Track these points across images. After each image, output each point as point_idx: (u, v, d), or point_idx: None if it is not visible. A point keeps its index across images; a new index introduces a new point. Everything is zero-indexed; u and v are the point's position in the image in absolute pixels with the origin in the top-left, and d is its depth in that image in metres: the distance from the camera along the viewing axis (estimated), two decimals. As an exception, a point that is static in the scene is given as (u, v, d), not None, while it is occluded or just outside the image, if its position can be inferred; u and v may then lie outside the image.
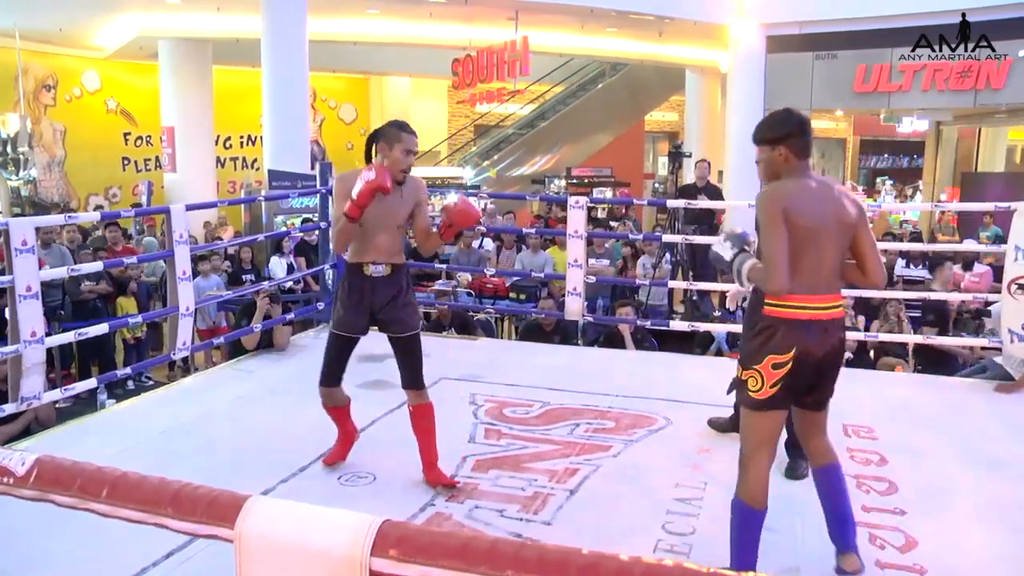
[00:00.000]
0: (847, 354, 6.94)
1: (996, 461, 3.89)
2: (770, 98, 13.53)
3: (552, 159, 18.74)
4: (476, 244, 10.08)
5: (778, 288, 2.58)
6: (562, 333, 6.76)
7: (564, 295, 6.11)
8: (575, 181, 17.07)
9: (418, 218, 3.53)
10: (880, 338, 6.58)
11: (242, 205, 12.15)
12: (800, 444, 3.09)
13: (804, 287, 2.61)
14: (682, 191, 9.02)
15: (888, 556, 2.97)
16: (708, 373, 5.55)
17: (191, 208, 5.40)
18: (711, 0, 13.23)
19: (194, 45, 14.16)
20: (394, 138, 3.32)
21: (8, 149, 14.21)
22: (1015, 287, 4.97)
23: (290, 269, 9.09)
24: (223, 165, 17.16)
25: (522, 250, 9.68)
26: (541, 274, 8.29)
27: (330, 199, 6.39)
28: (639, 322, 6.30)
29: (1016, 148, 19.55)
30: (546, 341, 6.55)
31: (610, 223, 12.39)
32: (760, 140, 2.77)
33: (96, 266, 5.79)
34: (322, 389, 3.59)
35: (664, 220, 12.74)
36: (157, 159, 16.45)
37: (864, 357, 7.16)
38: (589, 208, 6.16)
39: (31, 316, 4.06)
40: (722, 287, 8.21)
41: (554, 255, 9.27)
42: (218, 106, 15.14)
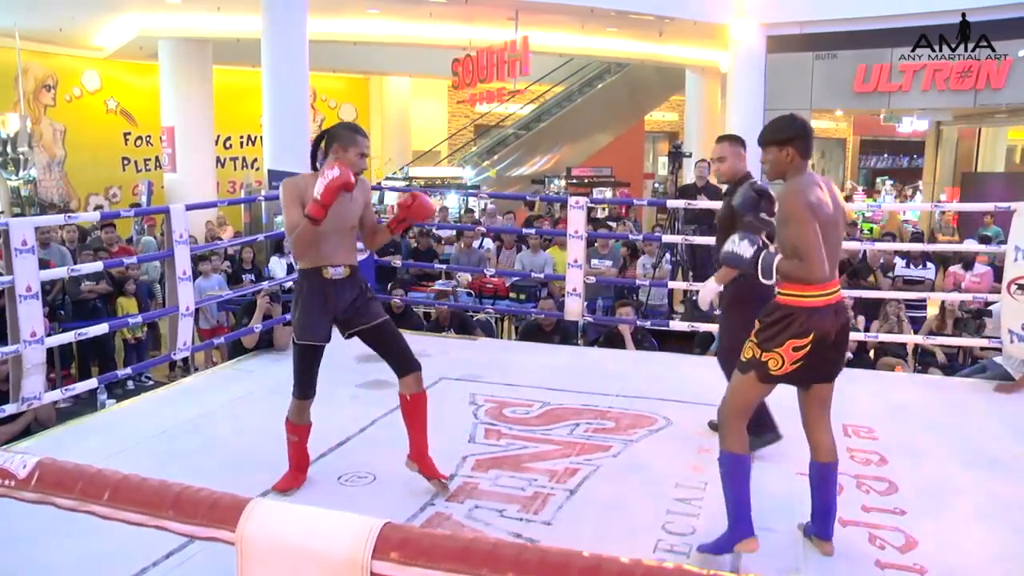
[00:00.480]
0: (848, 354, 6.98)
1: (996, 461, 3.90)
2: (770, 98, 13.53)
3: (552, 159, 18.74)
4: (476, 244, 10.08)
5: (820, 276, 2.76)
6: (562, 333, 6.76)
7: (564, 295, 6.11)
8: (575, 181, 17.06)
9: (366, 216, 3.53)
10: (880, 338, 6.58)
11: (242, 205, 12.15)
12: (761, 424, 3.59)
13: (818, 275, 2.79)
14: (682, 191, 9.00)
15: (888, 556, 2.97)
16: (708, 373, 5.53)
17: (191, 208, 5.40)
18: (711, 0, 13.22)
19: (194, 45, 14.16)
20: (349, 141, 3.28)
21: (8, 149, 14.20)
22: (1015, 287, 4.97)
23: (290, 269, 9.08)
24: (223, 165, 17.15)
25: (522, 250, 9.68)
26: (541, 274, 8.29)
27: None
28: (639, 322, 6.29)
29: (1016, 148, 19.54)
30: (546, 341, 6.55)
31: (608, 223, 12.39)
32: (768, 142, 2.94)
33: (96, 266, 5.79)
34: (298, 403, 3.46)
35: (664, 220, 12.73)
36: (157, 159, 16.44)
37: (864, 357, 7.17)
38: (589, 208, 6.16)
39: (31, 316, 4.06)
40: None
41: (554, 255, 9.27)
42: (218, 106, 15.13)
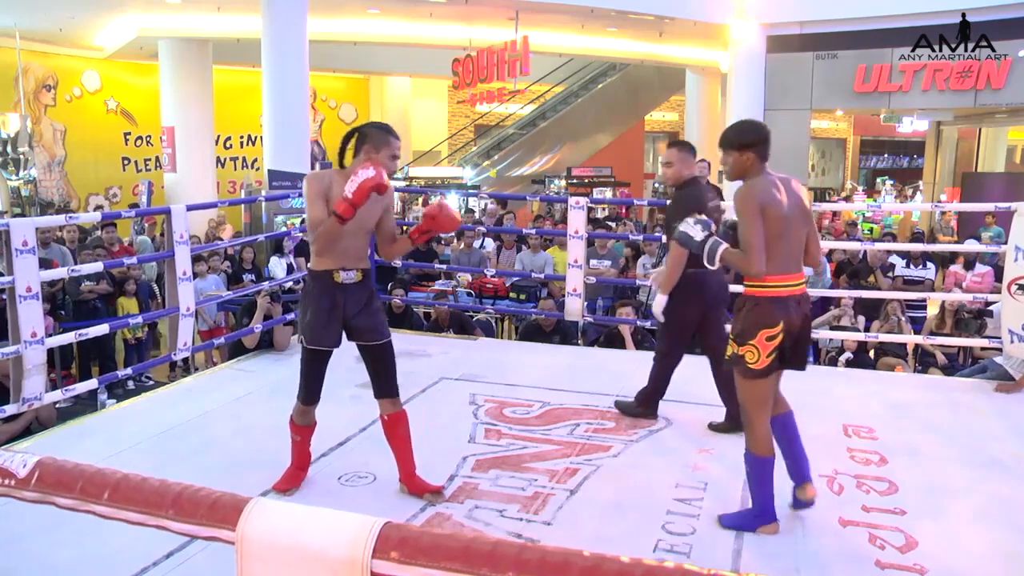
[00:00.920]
0: (848, 354, 6.98)
1: (997, 461, 3.90)
2: (770, 98, 13.54)
3: (552, 159, 18.75)
4: (476, 244, 10.08)
5: (758, 270, 2.98)
6: (562, 333, 6.76)
7: (564, 295, 6.11)
8: (575, 181, 17.07)
9: (386, 222, 3.41)
10: (880, 338, 6.58)
11: (242, 205, 12.16)
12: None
13: (780, 268, 3.02)
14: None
15: (888, 556, 2.96)
16: (708, 373, 5.54)
17: (192, 208, 5.40)
18: (711, 0, 13.22)
19: (194, 45, 14.16)
20: (382, 142, 3.20)
21: (8, 149, 14.20)
22: (1015, 287, 4.97)
23: (290, 269, 9.09)
24: (223, 165, 17.16)
25: (522, 250, 9.68)
26: (541, 274, 8.29)
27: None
28: (639, 322, 6.29)
29: (1016, 148, 19.56)
30: (546, 341, 6.56)
31: (607, 223, 12.39)
32: (729, 146, 3.10)
33: (96, 266, 5.79)
34: (301, 407, 3.42)
35: (664, 220, 12.69)
36: (157, 159, 16.45)
37: (864, 357, 7.17)
38: (589, 208, 6.16)
39: (32, 317, 4.06)
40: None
41: (554, 255, 9.26)
42: (218, 106, 15.14)
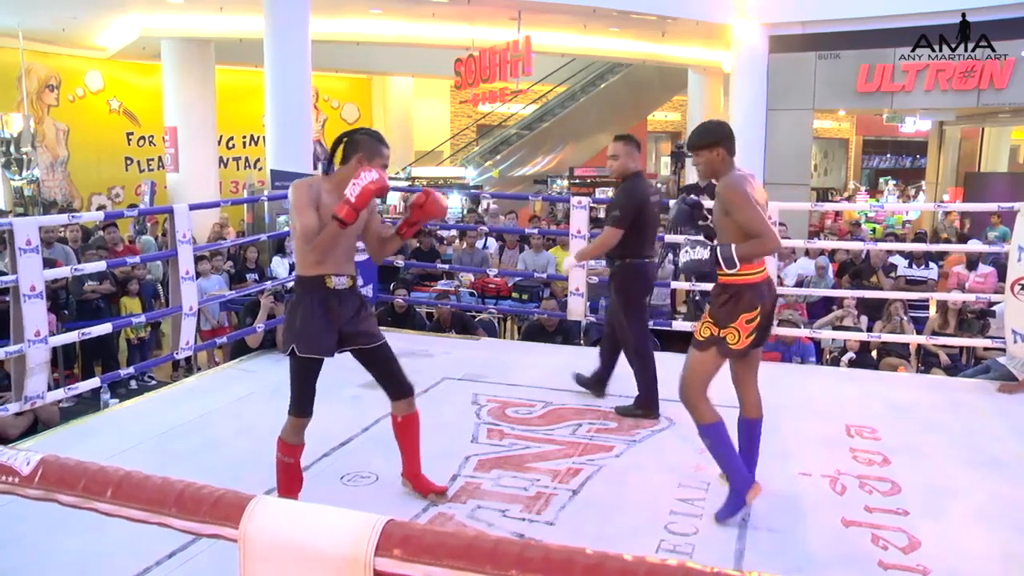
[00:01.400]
0: (850, 354, 6.97)
1: (999, 461, 3.89)
2: (773, 98, 13.52)
3: (555, 159, 18.74)
4: (479, 244, 10.08)
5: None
6: (564, 333, 6.76)
7: (567, 295, 6.11)
8: (577, 181, 17.06)
9: (373, 224, 3.38)
10: (883, 338, 6.57)
11: (244, 205, 12.17)
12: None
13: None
14: (684, 191, 9.00)
15: (891, 557, 2.96)
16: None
17: (194, 208, 5.40)
18: (713, 0, 13.21)
19: (197, 45, 14.17)
20: (375, 152, 3.17)
21: (12, 149, 14.23)
22: (1019, 287, 4.97)
23: (292, 268, 9.09)
24: (225, 165, 17.18)
25: (525, 250, 9.68)
26: (544, 274, 8.28)
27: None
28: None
29: (1019, 148, 19.53)
30: (548, 341, 6.55)
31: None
32: (700, 146, 3.25)
33: (99, 266, 5.80)
34: (296, 421, 3.20)
35: (666, 220, 12.71)
36: (160, 159, 16.47)
37: (867, 357, 7.16)
38: (591, 208, 6.15)
39: (35, 316, 4.07)
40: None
41: (557, 255, 9.26)
42: (221, 106, 15.15)
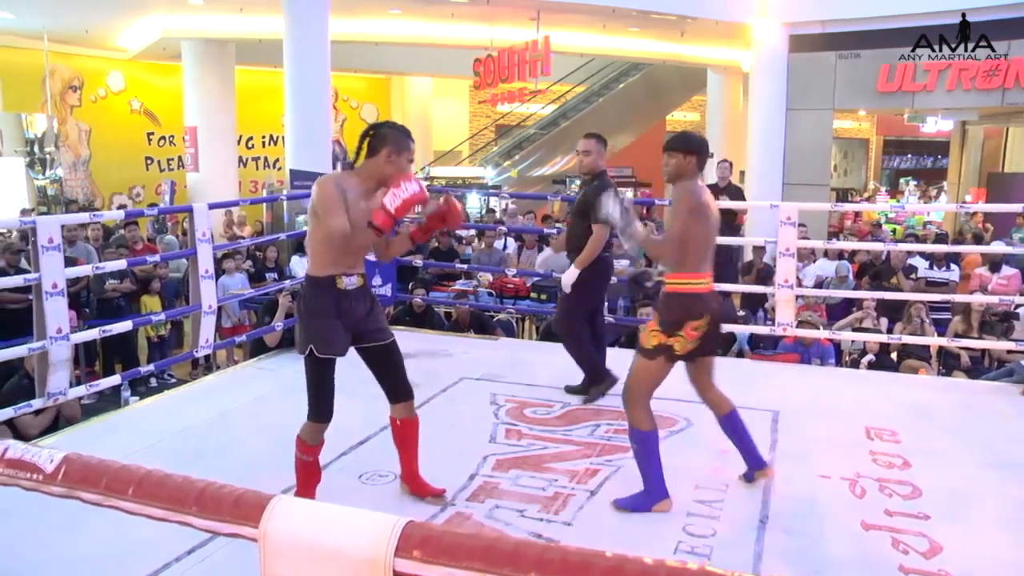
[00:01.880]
0: (870, 356, 6.92)
1: (1022, 465, 3.85)
2: (792, 98, 13.43)
3: (573, 159, 18.66)
4: (498, 244, 10.09)
5: (668, 260, 3.31)
6: (583, 333, 6.73)
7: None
8: (596, 181, 17.00)
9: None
10: (903, 340, 6.52)
11: (263, 204, 12.24)
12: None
13: (699, 267, 3.29)
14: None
15: (912, 561, 2.93)
16: (729, 374, 5.49)
17: (214, 207, 5.43)
18: (733, 0, 13.16)
19: (217, 46, 14.27)
20: (404, 146, 3.18)
21: (36, 149, 14.39)
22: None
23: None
24: (245, 165, 17.28)
25: (543, 250, 9.66)
26: (561, 275, 8.26)
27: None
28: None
29: (1044, 148, 19.28)
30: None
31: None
32: (677, 148, 3.36)
33: (120, 264, 5.84)
34: (316, 426, 3.18)
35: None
36: (180, 159, 16.60)
37: (887, 359, 7.10)
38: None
39: (57, 313, 4.10)
40: (743, 288, 8.20)
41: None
42: (240, 106, 15.25)
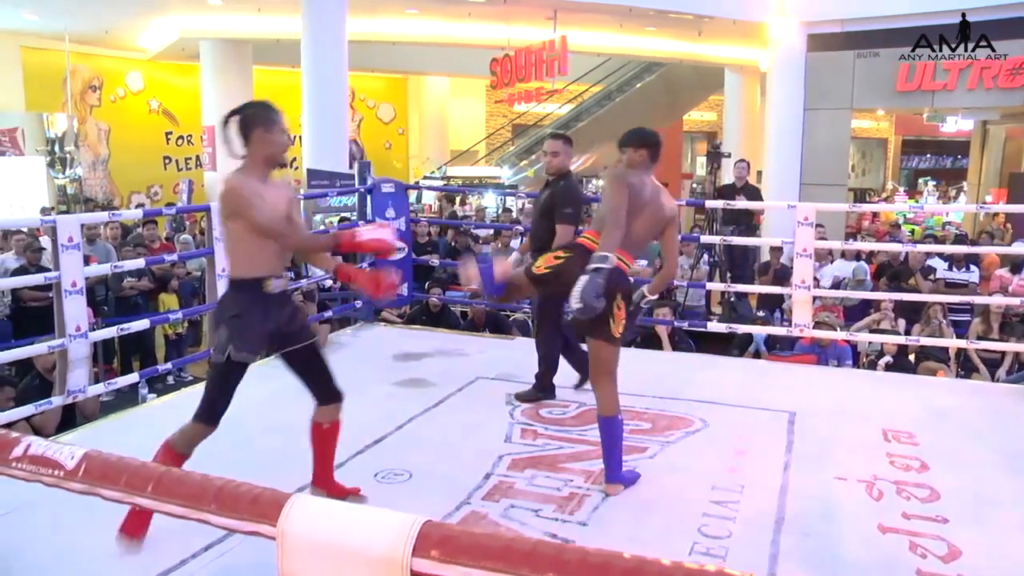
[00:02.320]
0: (887, 358, 6.87)
1: (1042, 469, 3.81)
2: (810, 97, 13.37)
3: (590, 159, 18.69)
4: (515, 244, 10.08)
5: (613, 242, 3.30)
6: (598, 334, 6.72)
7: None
8: (612, 181, 16.97)
9: (295, 216, 3.21)
10: (921, 342, 6.47)
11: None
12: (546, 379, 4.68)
13: (628, 248, 3.43)
14: (720, 191, 8.94)
15: (930, 566, 2.91)
16: (745, 375, 5.50)
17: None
18: (751, -2, 13.11)
19: (235, 46, 14.35)
20: (271, 121, 3.05)
21: (56, 148, 14.53)
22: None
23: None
24: (262, 164, 17.34)
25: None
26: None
27: (368, 199, 6.44)
28: (676, 323, 6.26)
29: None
30: (582, 341, 6.53)
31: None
32: (631, 143, 3.56)
33: (138, 263, 5.89)
34: (202, 428, 3.03)
35: (702, 221, 12.64)
36: (198, 158, 16.72)
37: (904, 361, 7.05)
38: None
39: (76, 311, 4.14)
40: (760, 289, 8.18)
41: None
42: (258, 106, 15.31)
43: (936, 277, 9.00)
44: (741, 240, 7.72)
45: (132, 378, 5.07)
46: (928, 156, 25.83)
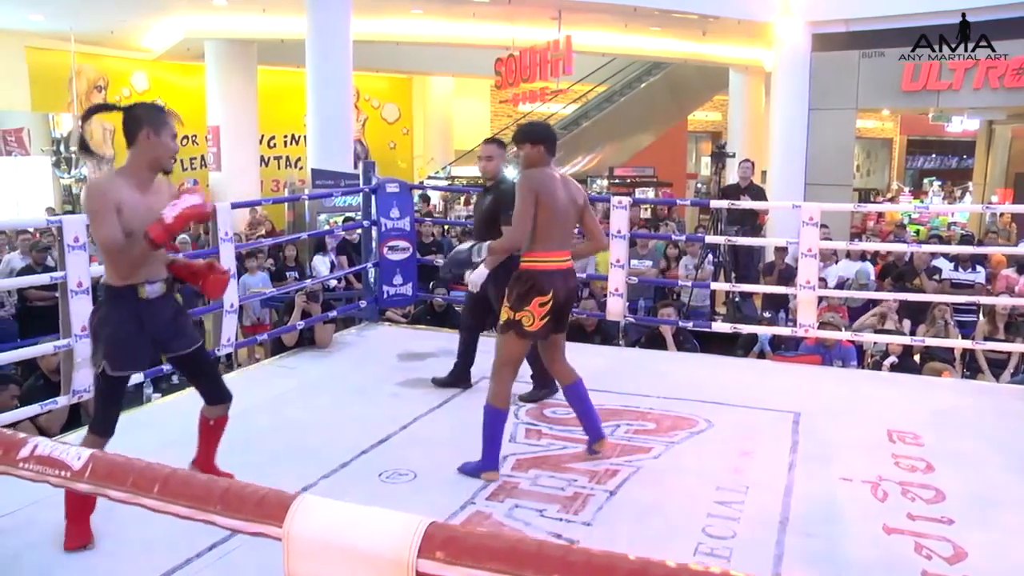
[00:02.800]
0: (892, 358, 6.86)
1: (1048, 470, 3.80)
2: (815, 97, 13.34)
3: (595, 159, 18.68)
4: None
5: (516, 243, 3.58)
6: (603, 334, 6.74)
7: (606, 295, 6.09)
8: (617, 181, 16.98)
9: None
10: (926, 342, 6.45)
11: (285, 203, 12.32)
12: (545, 375, 4.39)
13: (550, 247, 3.57)
14: (725, 191, 8.93)
15: (935, 567, 2.91)
16: (750, 375, 5.50)
17: (236, 206, 5.47)
18: (756, -2, 13.09)
19: (239, 46, 14.36)
20: (160, 123, 2.96)
21: (62, 148, 14.57)
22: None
23: (332, 267, 9.16)
24: (267, 164, 17.37)
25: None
26: (583, 274, 8.25)
27: (373, 199, 6.44)
28: (681, 323, 6.25)
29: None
30: (587, 341, 6.53)
31: (661, 222, 12.37)
32: (525, 140, 3.65)
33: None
34: (98, 440, 2.92)
35: (707, 221, 12.63)
36: (203, 158, 16.72)
37: (909, 362, 7.03)
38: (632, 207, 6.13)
39: (82, 311, 4.15)
40: (764, 289, 8.16)
41: (596, 255, 9.22)
42: (262, 106, 15.34)
43: (942, 278, 8.98)
44: (746, 240, 7.71)
45: (136, 377, 5.07)
46: (933, 156, 25.77)
